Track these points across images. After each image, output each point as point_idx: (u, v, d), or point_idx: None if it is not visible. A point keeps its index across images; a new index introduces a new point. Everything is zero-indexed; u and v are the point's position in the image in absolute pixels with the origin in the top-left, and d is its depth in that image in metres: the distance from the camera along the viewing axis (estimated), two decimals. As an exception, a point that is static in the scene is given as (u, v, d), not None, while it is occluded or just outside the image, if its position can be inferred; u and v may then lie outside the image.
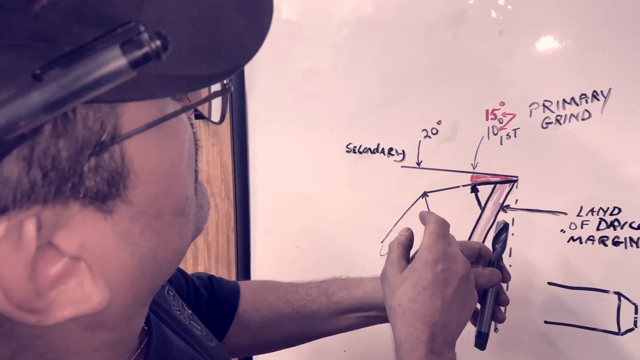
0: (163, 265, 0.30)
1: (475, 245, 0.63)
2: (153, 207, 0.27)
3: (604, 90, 0.66)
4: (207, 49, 0.26)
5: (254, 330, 0.65)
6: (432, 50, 0.73)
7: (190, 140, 0.30)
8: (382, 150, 0.79)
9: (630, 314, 0.68)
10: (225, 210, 0.90)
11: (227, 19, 0.27)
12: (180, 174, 0.29)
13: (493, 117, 0.71)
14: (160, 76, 0.23)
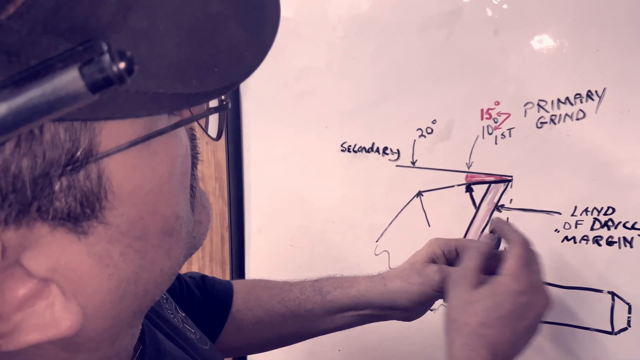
0: (149, 287, 0.28)
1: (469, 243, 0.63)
2: (136, 228, 0.26)
3: (598, 90, 0.65)
4: (198, 65, 0.23)
5: (247, 329, 0.65)
6: (427, 48, 0.72)
7: (184, 155, 0.28)
8: (376, 150, 0.79)
9: (624, 314, 0.69)
10: (219, 209, 0.90)
11: (225, 31, 0.25)
12: (169, 192, 0.27)
13: (488, 117, 0.70)
14: (141, 94, 0.21)
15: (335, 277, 0.67)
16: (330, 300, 0.64)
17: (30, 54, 0.18)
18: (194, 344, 0.48)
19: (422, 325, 0.79)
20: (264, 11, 0.27)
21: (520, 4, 0.67)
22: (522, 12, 0.67)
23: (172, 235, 0.28)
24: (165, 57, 0.22)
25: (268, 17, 0.27)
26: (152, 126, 0.25)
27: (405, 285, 0.61)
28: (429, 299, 0.61)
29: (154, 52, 0.22)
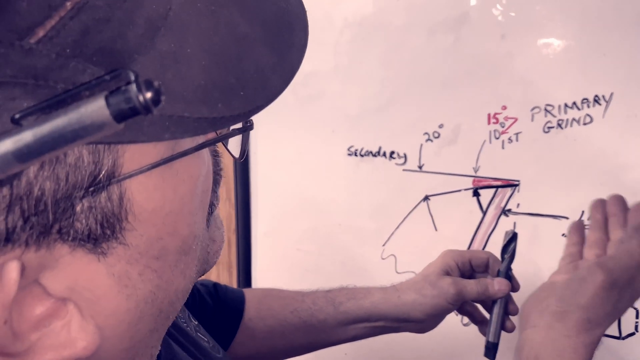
0: (163, 306, 0.28)
1: (483, 254, 0.63)
2: (155, 248, 0.25)
3: (605, 94, 0.65)
4: (224, 88, 0.23)
5: (259, 339, 0.65)
6: (434, 53, 0.72)
7: (206, 174, 0.28)
8: (383, 154, 0.79)
9: (632, 319, 0.68)
10: (226, 212, 0.90)
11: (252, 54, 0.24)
12: (189, 212, 0.27)
13: (495, 121, 0.71)
14: (166, 117, 0.21)
15: (348, 288, 0.66)
16: (343, 311, 0.63)
17: (58, 78, 0.18)
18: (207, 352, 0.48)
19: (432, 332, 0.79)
20: (291, 34, 0.27)
21: (527, 9, 0.67)
22: (528, 17, 0.67)
23: (188, 254, 0.28)
24: (192, 80, 0.22)
25: (296, 40, 0.27)
26: (176, 147, 0.25)
27: (419, 298, 0.60)
28: (443, 311, 0.61)
29: (181, 75, 0.22)
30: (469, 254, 0.62)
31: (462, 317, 0.78)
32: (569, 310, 0.46)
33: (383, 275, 0.80)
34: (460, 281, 0.60)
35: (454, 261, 0.62)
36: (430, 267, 0.63)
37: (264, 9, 0.26)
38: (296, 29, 0.27)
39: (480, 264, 0.62)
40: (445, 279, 0.60)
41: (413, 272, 0.79)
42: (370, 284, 0.81)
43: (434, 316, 0.61)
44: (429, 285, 0.60)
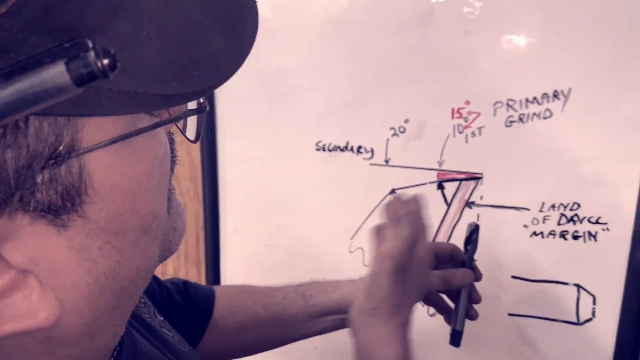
0: (125, 283, 0.29)
1: (447, 246, 0.64)
2: (115, 224, 0.26)
3: (564, 89, 0.68)
4: (178, 68, 0.25)
5: (230, 335, 0.65)
6: (401, 49, 0.73)
7: (163, 156, 0.29)
8: (351, 148, 0.80)
9: (589, 305, 0.71)
10: (194, 209, 0.90)
11: (206, 39, 0.26)
12: (147, 191, 0.28)
13: (459, 116, 0.72)
14: (123, 93, 0.23)
15: (318, 282, 0.67)
16: (314, 304, 0.64)
17: (19, 51, 0.19)
18: (172, 345, 0.48)
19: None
20: (243, 23, 0.28)
21: (489, 7, 0.68)
22: (491, 15, 0.69)
23: (148, 234, 0.29)
24: (147, 60, 0.23)
25: (247, 27, 0.28)
26: (133, 126, 0.26)
27: None
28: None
29: (137, 55, 0.23)
30: (434, 245, 0.64)
31: (428, 308, 0.79)
32: (376, 305, 0.51)
33: (352, 268, 0.81)
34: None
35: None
36: None
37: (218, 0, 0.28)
38: (247, 19, 0.29)
39: (445, 255, 0.63)
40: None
41: (381, 265, 0.80)
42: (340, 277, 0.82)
43: None
44: None
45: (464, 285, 0.61)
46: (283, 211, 0.85)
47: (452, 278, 0.60)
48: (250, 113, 0.83)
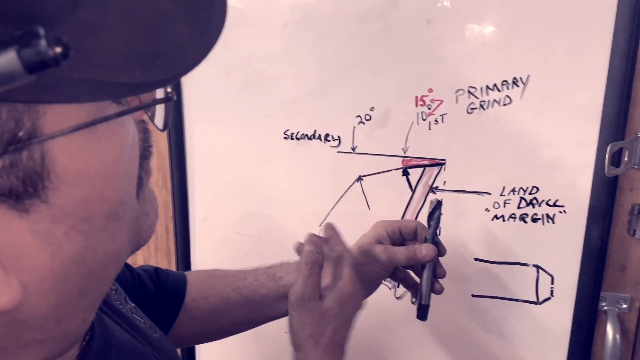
0: (93, 267, 0.29)
1: (411, 223, 0.67)
2: (81, 210, 0.27)
3: (523, 77, 0.70)
4: (142, 57, 0.25)
5: (202, 318, 0.66)
6: (365, 38, 0.74)
7: (132, 144, 0.30)
8: (318, 137, 0.80)
9: (547, 285, 0.74)
10: (163, 199, 0.89)
11: (171, 28, 0.26)
12: (115, 177, 0.28)
13: (422, 104, 0.74)
14: (85, 80, 0.23)
15: (288, 263, 0.69)
16: (284, 285, 0.66)
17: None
18: (143, 331, 0.48)
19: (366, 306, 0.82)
20: (210, 12, 0.28)
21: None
22: (453, 4, 0.70)
23: (116, 219, 0.29)
24: (111, 48, 0.24)
25: (214, 18, 0.29)
26: (99, 113, 0.26)
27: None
28: (377, 277, 0.65)
29: (100, 43, 0.23)
30: (398, 223, 0.66)
31: (395, 291, 0.81)
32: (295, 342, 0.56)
33: (320, 255, 0.82)
34: (390, 248, 0.64)
35: (385, 230, 0.65)
36: (364, 238, 0.66)
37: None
38: (215, 9, 0.29)
39: (409, 232, 0.66)
40: (377, 247, 0.64)
41: (349, 251, 0.82)
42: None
43: (369, 282, 0.65)
44: (363, 255, 0.64)
45: (428, 260, 0.63)
46: (252, 199, 0.86)
47: (416, 253, 0.63)
48: (218, 102, 0.83)
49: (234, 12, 0.78)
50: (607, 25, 0.65)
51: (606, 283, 0.73)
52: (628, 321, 0.74)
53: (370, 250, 0.64)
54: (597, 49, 0.66)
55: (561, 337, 0.75)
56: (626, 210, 0.70)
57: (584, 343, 0.73)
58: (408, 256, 0.63)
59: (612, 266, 0.72)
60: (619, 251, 0.72)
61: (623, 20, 0.64)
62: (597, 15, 0.65)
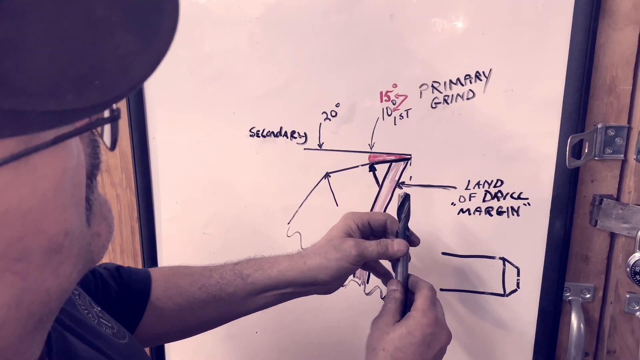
0: (34, 308, 0.26)
1: (381, 216, 0.67)
2: (15, 250, 0.24)
3: (485, 71, 0.70)
4: (75, 78, 0.21)
5: (168, 317, 0.64)
6: (329, 33, 0.74)
7: (75, 167, 0.26)
8: (285, 134, 0.80)
9: (514, 277, 0.75)
10: (127, 200, 0.87)
11: (111, 40, 0.22)
12: (55, 208, 0.25)
13: (387, 99, 0.74)
14: (4, 112, 0.19)
15: (255, 259, 0.68)
16: (252, 282, 0.65)
17: None
18: (110, 340, 0.46)
19: (335, 302, 0.82)
20: (159, 17, 0.25)
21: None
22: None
23: (60, 253, 0.26)
24: (35, 70, 0.20)
25: (163, 23, 0.25)
26: (29, 142, 0.23)
27: (324, 262, 0.63)
28: (347, 272, 0.65)
29: (22, 65, 0.20)
30: (368, 215, 0.66)
31: (364, 287, 0.81)
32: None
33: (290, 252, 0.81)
34: (361, 243, 0.64)
35: (355, 223, 0.65)
36: (333, 231, 0.66)
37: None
38: (165, 13, 0.25)
39: (379, 225, 0.66)
40: (347, 241, 0.63)
41: (318, 248, 0.81)
42: (277, 262, 0.82)
43: (338, 277, 0.64)
44: (333, 249, 0.63)
45: (400, 255, 0.63)
46: (219, 199, 0.84)
47: (388, 248, 0.63)
48: (181, 100, 0.81)
49: (195, 8, 0.77)
50: (565, 19, 0.66)
51: (570, 273, 0.74)
52: (592, 310, 0.75)
53: (340, 245, 0.63)
54: (557, 43, 0.67)
55: (528, 328, 0.76)
56: (588, 201, 0.72)
57: (549, 333, 0.75)
58: (380, 251, 0.63)
59: (575, 257, 0.73)
60: (582, 241, 0.73)
61: (581, 14, 0.64)
62: (556, 9, 0.66)
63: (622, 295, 0.72)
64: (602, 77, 0.67)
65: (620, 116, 0.68)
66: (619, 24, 0.66)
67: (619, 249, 0.71)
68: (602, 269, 0.73)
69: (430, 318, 0.56)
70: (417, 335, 0.55)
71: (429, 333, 0.55)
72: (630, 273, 0.68)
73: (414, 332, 0.55)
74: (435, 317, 0.57)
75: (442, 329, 0.57)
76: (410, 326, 0.56)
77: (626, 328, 0.73)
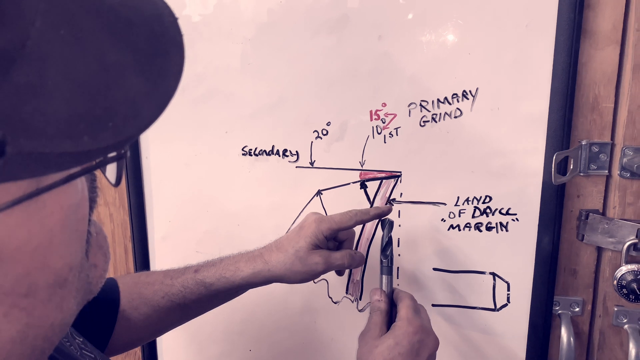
0: (37, 342, 0.26)
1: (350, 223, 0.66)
2: (23, 286, 0.24)
3: (472, 89, 0.72)
4: (91, 120, 0.22)
5: (136, 328, 0.65)
6: (319, 53, 0.75)
7: (80, 201, 0.27)
8: (277, 152, 0.81)
9: (504, 292, 0.76)
10: (120, 219, 0.88)
11: (123, 82, 0.23)
12: (61, 243, 0.25)
13: (377, 117, 0.75)
14: (24, 155, 0.20)
15: (216, 265, 0.68)
16: (215, 290, 0.66)
17: None
18: None
19: (328, 319, 0.83)
20: (166, 59, 0.26)
21: (401, 12, 0.72)
22: (403, 20, 0.72)
23: (64, 287, 0.27)
24: (54, 113, 0.21)
25: (171, 65, 0.26)
26: (41, 182, 0.23)
27: (288, 272, 0.65)
28: (312, 278, 0.66)
29: (41, 109, 0.20)
30: (337, 225, 0.66)
31: (357, 304, 0.82)
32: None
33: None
34: (328, 258, 0.65)
35: (323, 235, 0.65)
36: (300, 239, 0.65)
37: (137, 35, 0.25)
38: (172, 55, 0.26)
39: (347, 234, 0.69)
40: (314, 256, 0.64)
41: (310, 265, 0.82)
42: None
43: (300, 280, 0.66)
44: (299, 262, 0.64)
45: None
46: (211, 217, 0.85)
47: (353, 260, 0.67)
48: (174, 119, 0.82)
49: (188, 28, 0.78)
50: (548, 39, 0.68)
51: (559, 287, 0.75)
52: (581, 323, 0.76)
53: (307, 258, 0.64)
54: (540, 62, 0.69)
55: (519, 342, 0.77)
56: (574, 216, 0.73)
57: (540, 347, 0.75)
58: (346, 264, 0.66)
59: (563, 271, 0.75)
60: (570, 256, 0.74)
61: (563, 34, 0.66)
62: (539, 30, 0.68)
63: (610, 308, 0.74)
64: (585, 95, 0.69)
65: (603, 133, 0.70)
66: (600, 44, 0.68)
67: (606, 262, 0.73)
68: (590, 283, 0.75)
69: (415, 326, 0.57)
70: (405, 345, 0.55)
71: (416, 341, 0.56)
72: (617, 286, 0.70)
73: (401, 342, 0.56)
74: (420, 324, 0.58)
75: (429, 335, 0.58)
76: (398, 336, 0.56)
77: (615, 341, 0.74)
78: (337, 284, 0.82)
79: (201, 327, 0.87)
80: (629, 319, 0.73)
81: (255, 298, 0.84)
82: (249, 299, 0.85)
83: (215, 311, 0.71)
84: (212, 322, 0.86)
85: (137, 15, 0.25)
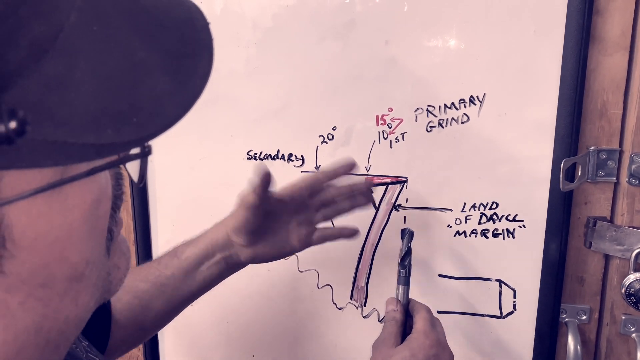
0: (52, 335, 0.26)
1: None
2: (40, 276, 0.24)
3: (479, 95, 0.72)
4: (115, 114, 0.22)
5: (122, 321, 0.64)
6: (325, 58, 0.75)
7: (103, 198, 0.27)
8: (282, 156, 0.80)
9: (510, 299, 0.75)
10: (124, 222, 0.87)
11: (149, 80, 0.24)
12: (80, 238, 0.26)
13: (383, 122, 0.75)
14: (48, 143, 0.20)
15: (186, 241, 0.69)
16: (186, 258, 0.66)
17: None
18: None
19: (332, 325, 0.82)
20: (195, 62, 0.26)
21: (408, 18, 0.71)
22: (410, 25, 0.71)
23: (80, 282, 0.27)
24: (79, 105, 0.21)
25: (199, 67, 0.27)
26: (65, 171, 0.24)
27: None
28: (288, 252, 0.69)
29: (67, 100, 0.21)
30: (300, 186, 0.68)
31: (361, 310, 0.81)
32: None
33: (286, 275, 0.82)
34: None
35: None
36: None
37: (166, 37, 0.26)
38: (201, 58, 0.27)
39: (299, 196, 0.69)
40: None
41: (315, 270, 0.81)
42: (275, 283, 0.83)
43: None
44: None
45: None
46: (216, 221, 0.84)
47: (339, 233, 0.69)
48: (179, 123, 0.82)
49: (194, 34, 0.78)
50: (556, 45, 0.67)
51: (566, 295, 0.74)
52: (588, 332, 0.75)
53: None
54: (548, 68, 0.68)
55: (525, 350, 0.76)
56: (582, 223, 0.72)
57: (546, 355, 0.75)
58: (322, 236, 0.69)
59: (570, 278, 0.74)
60: (577, 263, 0.73)
61: (571, 40, 0.66)
62: (547, 35, 0.68)
63: (618, 316, 0.73)
64: (593, 101, 0.69)
65: (612, 139, 0.70)
66: (609, 50, 0.67)
67: (614, 270, 0.72)
68: (597, 291, 0.74)
69: (432, 339, 0.57)
70: (420, 358, 0.55)
71: (432, 354, 0.56)
72: (625, 294, 0.69)
73: (417, 355, 0.55)
74: (437, 338, 0.57)
75: (445, 350, 0.58)
76: (413, 348, 0.56)
77: (622, 350, 0.74)
78: (342, 290, 0.81)
79: (203, 333, 0.87)
80: (636, 327, 0.72)
81: (258, 303, 0.83)
82: (252, 304, 0.84)
83: (217, 316, 0.71)
84: (214, 328, 0.86)
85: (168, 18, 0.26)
